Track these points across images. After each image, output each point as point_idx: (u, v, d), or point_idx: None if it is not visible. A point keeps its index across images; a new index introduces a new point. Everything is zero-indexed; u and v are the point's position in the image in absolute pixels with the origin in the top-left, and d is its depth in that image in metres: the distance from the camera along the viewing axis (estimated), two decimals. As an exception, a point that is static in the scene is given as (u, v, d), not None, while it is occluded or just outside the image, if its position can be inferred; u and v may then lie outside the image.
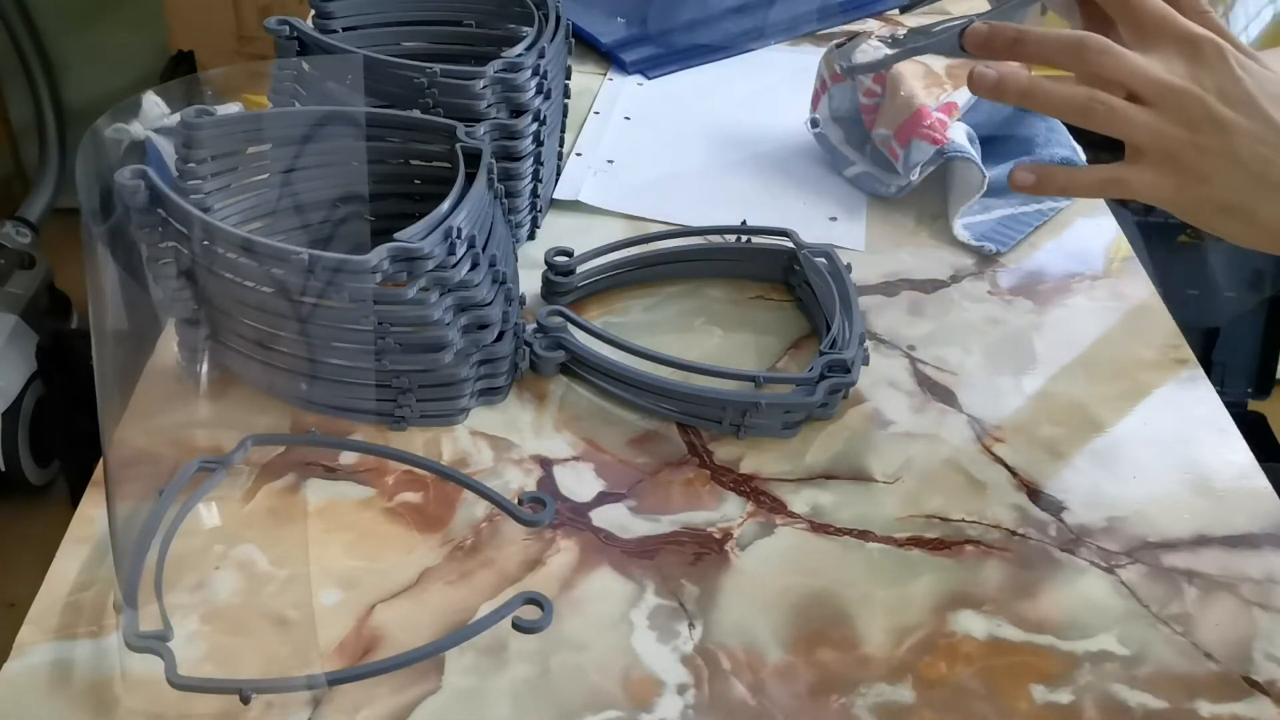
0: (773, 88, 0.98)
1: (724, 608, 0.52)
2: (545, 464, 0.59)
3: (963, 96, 0.81)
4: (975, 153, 0.77)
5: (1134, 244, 0.80)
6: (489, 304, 0.58)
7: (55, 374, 1.50)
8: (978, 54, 0.54)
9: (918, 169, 0.77)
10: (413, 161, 0.66)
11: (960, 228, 0.78)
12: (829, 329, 0.64)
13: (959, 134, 0.78)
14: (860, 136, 0.84)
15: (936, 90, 0.80)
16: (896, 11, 1.11)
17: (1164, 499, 0.59)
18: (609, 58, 1.02)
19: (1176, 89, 0.50)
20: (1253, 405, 1.34)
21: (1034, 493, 0.59)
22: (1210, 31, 0.51)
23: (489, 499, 0.56)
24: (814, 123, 0.86)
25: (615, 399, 0.63)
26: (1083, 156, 0.84)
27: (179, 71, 1.82)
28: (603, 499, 0.57)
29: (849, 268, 0.68)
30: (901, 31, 0.67)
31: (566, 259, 0.68)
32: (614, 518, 0.56)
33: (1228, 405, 0.65)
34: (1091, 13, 0.56)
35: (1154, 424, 0.64)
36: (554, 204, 0.80)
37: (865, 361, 0.64)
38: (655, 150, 0.88)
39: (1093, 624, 0.52)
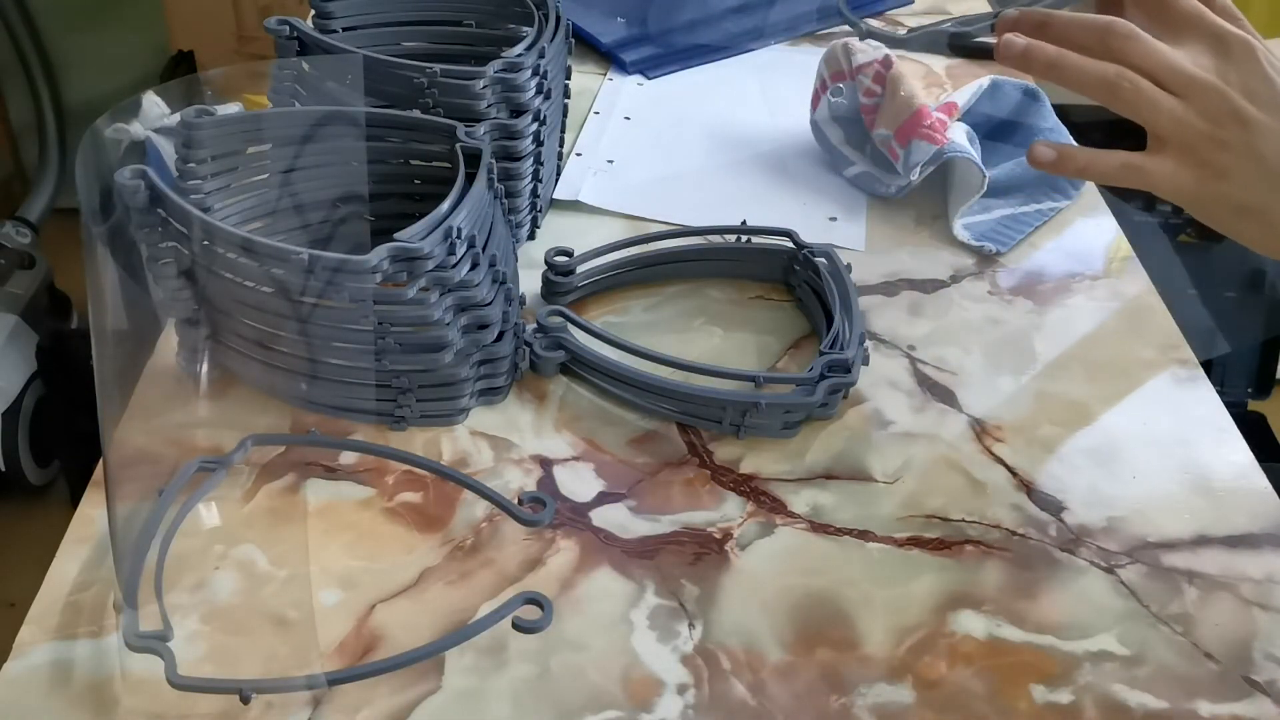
0: (773, 88, 0.98)
1: (724, 608, 0.52)
2: (545, 464, 0.59)
3: (963, 96, 0.81)
4: (975, 153, 0.77)
5: (1134, 244, 0.80)
6: (489, 304, 0.58)
7: (55, 374, 1.50)
8: None
9: (918, 169, 0.77)
10: (413, 161, 0.66)
11: (960, 228, 0.78)
12: (829, 329, 0.64)
13: (959, 134, 0.78)
14: (860, 136, 0.84)
15: (936, 90, 0.80)
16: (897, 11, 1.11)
17: (1164, 499, 0.59)
18: (609, 58, 1.02)
19: (1200, 81, 0.50)
20: (1253, 405, 1.33)
21: (1034, 493, 0.59)
22: (1242, 31, 0.51)
23: (489, 499, 0.56)
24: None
25: (615, 399, 0.63)
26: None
27: (179, 71, 1.82)
28: (603, 499, 0.57)
29: (849, 268, 0.68)
30: (901, 31, 0.67)
31: (566, 259, 0.68)
32: (614, 518, 0.56)
33: (1228, 405, 0.65)
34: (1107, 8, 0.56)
35: (1154, 424, 0.64)
36: (554, 204, 0.80)
37: (865, 361, 0.64)
38: (655, 150, 0.88)
39: (1093, 624, 0.52)
